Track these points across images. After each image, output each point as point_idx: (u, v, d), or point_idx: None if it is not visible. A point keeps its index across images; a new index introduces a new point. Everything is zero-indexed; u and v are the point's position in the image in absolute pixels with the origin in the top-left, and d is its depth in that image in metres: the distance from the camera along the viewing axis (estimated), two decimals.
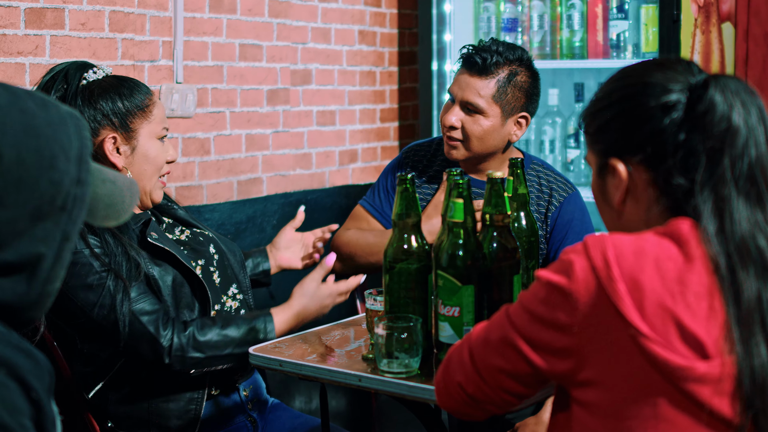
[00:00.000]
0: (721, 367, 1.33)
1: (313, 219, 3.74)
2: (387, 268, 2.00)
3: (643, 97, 1.45)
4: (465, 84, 2.57)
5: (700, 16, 3.28)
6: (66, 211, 1.24)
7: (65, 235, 1.25)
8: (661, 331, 1.34)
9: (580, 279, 1.38)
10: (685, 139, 1.41)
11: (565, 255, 1.41)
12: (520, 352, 1.45)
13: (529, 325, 1.43)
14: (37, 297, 1.24)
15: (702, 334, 1.34)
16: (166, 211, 2.46)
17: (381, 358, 1.92)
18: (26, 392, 1.15)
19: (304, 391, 3.72)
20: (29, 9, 2.69)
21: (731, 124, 1.39)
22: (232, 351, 2.21)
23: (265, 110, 3.53)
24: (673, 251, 1.38)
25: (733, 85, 1.41)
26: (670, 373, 1.33)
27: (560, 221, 2.63)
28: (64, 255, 1.26)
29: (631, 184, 1.47)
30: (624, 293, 1.35)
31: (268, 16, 3.52)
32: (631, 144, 1.46)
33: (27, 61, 2.69)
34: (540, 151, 3.82)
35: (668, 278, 1.35)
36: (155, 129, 2.32)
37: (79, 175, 1.26)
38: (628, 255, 1.37)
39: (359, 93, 3.95)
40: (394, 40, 4.12)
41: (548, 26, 3.73)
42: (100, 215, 1.39)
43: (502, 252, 1.97)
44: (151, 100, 2.32)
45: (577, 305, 1.38)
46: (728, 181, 1.38)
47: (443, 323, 1.91)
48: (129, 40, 2.99)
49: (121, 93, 2.27)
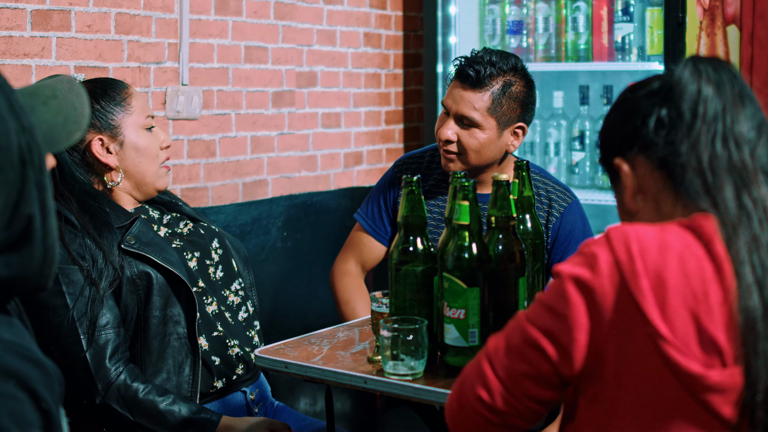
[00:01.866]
0: (732, 377, 1.33)
1: (318, 221, 3.75)
2: (393, 270, 2.00)
3: (633, 93, 1.53)
4: (459, 97, 2.53)
5: (705, 18, 3.28)
6: (27, 163, 1.23)
7: (39, 185, 1.24)
8: (681, 333, 1.34)
9: (604, 273, 1.38)
10: (665, 114, 1.46)
11: (587, 248, 1.42)
12: (542, 350, 1.43)
13: (550, 320, 1.42)
14: (43, 255, 1.24)
15: (721, 340, 1.34)
16: (172, 208, 2.46)
17: (386, 360, 1.92)
18: (36, 403, 1.14)
19: (309, 393, 3.72)
20: (35, 11, 2.69)
21: (700, 89, 1.44)
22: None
23: (271, 112, 3.53)
24: (698, 249, 1.38)
25: (705, 59, 1.48)
26: (685, 379, 1.33)
27: (562, 232, 2.61)
28: (48, 204, 1.25)
29: (636, 180, 1.50)
30: (647, 290, 1.35)
31: (274, 19, 3.52)
32: (625, 138, 1.50)
33: (33, 63, 2.70)
34: (545, 154, 3.82)
35: (692, 277, 1.35)
36: (138, 120, 2.32)
37: (20, 122, 1.23)
38: (651, 248, 1.37)
39: (364, 95, 3.95)
40: (399, 42, 4.12)
41: (553, 29, 3.73)
42: (62, 136, 1.37)
43: (508, 254, 1.97)
44: (127, 92, 2.33)
45: (598, 299, 1.38)
46: (704, 136, 1.43)
47: (449, 325, 1.91)
48: (135, 42, 3.00)
49: (95, 95, 2.28)
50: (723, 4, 3.26)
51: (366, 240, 2.78)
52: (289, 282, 3.66)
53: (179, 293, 2.26)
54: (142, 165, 2.31)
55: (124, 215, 2.28)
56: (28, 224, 1.22)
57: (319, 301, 3.73)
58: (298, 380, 3.49)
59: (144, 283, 2.23)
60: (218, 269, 2.39)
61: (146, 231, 2.28)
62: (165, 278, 2.25)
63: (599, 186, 3.70)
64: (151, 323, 2.23)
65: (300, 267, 3.68)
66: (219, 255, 2.41)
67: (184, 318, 2.26)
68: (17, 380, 1.13)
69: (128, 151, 2.30)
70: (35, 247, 1.23)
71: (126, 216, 2.28)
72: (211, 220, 2.58)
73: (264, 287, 3.48)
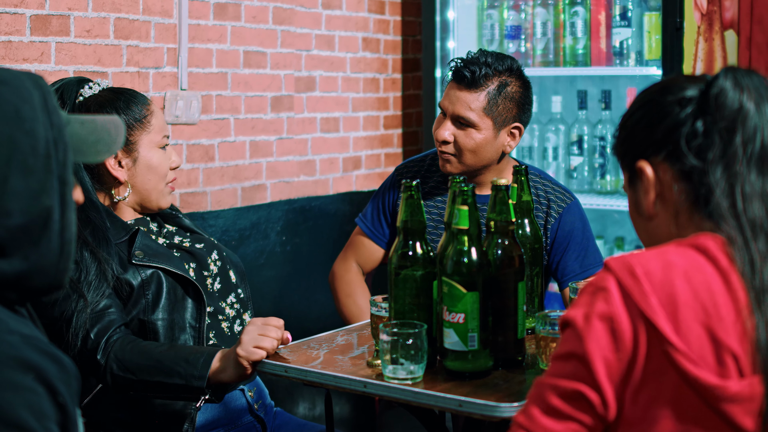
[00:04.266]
0: (751, 387, 1.33)
1: (317, 225, 3.75)
2: (392, 274, 2.00)
3: (662, 96, 1.48)
4: (455, 98, 2.55)
5: (703, 23, 3.28)
6: (51, 156, 1.26)
7: (61, 179, 1.27)
8: (696, 347, 1.33)
9: (617, 302, 1.36)
10: (700, 125, 1.43)
11: (591, 286, 1.39)
12: (583, 397, 1.38)
13: (577, 368, 1.37)
14: (59, 248, 1.27)
15: (737, 350, 1.33)
16: (171, 220, 2.47)
17: (386, 364, 1.92)
18: (53, 397, 1.16)
19: (308, 397, 3.72)
20: (35, 16, 2.70)
21: (742, 105, 1.41)
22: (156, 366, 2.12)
23: (269, 117, 3.54)
24: (703, 263, 1.37)
25: (744, 72, 1.44)
26: (704, 391, 1.32)
27: (561, 232, 2.62)
28: (68, 199, 1.28)
29: (658, 185, 1.48)
30: (657, 306, 1.34)
31: (273, 23, 3.53)
32: (653, 142, 1.48)
33: (33, 67, 2.70)
34: (543, 158, 3.83)
35: (700, 291, 1.35)
36: (155, 138, 2.32)
37: (50, 118, 1.27)
38: (656, 269, 1.36)
39: (363, 100, 3.96)
40: (398, 47, 4.13)
41: (551, 33, 3.74)
42: (90, 151, 1.40)
43: (507, 259, 1.98)
44: (149, 110, 2.32)
45: (620, 328, 1.35)
46: (740, 158, 1.40)
47: (448, 330, 1.91)
48: (134, 46, 3.00)
49: (117, 107, 2.27)
50: (721, 9, 3.27)
51: (365, 242, 2.80)
52: (287, 286, 3.66)
53: (186, 298, 2.28)
54: (151, 182, 2.32)
55: (123, 229, 2.28)
56: (47, 216, 1.25)
57: (318, 305, 3.73)
58: (297, 384, 3.49)
59: (154, 288, 2.24)
60: (216, 281, 2.40)
61: (149, 243, 2.29)
62: (173, 283, 2.27)
63: (597, 191, 3.71)
64: (158, 326, 2.24)
65: (299, 271, 3.68)
66: (217, 267, 2.41)
67: (193, 319, 2.28)
68: (36, 374, 1.15)
69: (140, 168, 2.30)
70: (52, 239, 1.26)
71: (125, 229, 2.28)
72: (207, 230, 2.57)
73: (263, 292, 3.49)
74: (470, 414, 1.80)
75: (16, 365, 1.14)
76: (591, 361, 1.36)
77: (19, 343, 1.16)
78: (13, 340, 1.16)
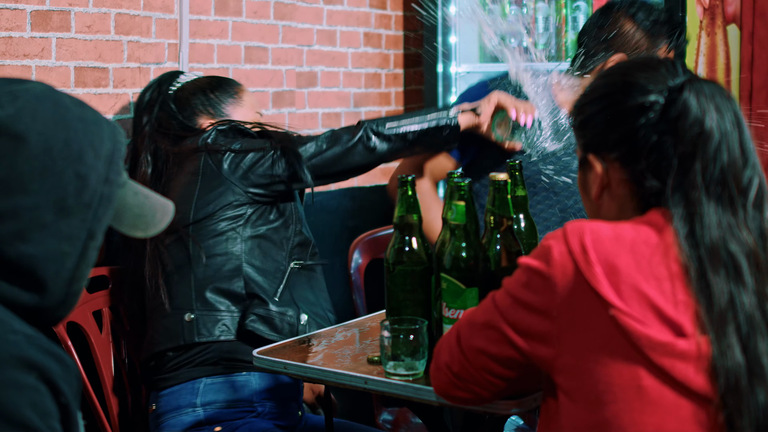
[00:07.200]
0: (698, 346, 1.35)
1: (319, 221, 3.74)
2: (388, 270, 2.00)
3: (623, 96, 1.48)
4: None
5: (705, 17, 3.27)
6: (92, 208, 1.25)
7: (90, 233, 1.25)
8: (639, 312, 1.36)
9: (557, 263, 1.41)
10: (658, 141, 1.43)
11: (545, 241, 1.45)
12: (503, 334, 1.49)
13: (512, 309, 1.48)
14: (63, 297, 1.25)
15: (675, 316, 1.36)
16: None
17: (386, 360, 1.92)
18: (56, 396, 1.16)
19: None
20: (35, 11, 2.70)
21: (704, 128, 1.40)
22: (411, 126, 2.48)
23: (271, 112, 3.53)
24: (651, 235, 1.41)
25: (708, 89, 1.43)
26: (652, 349, 1.35)
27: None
28: (90, 254, 1.26)
29: (606, 181, 1.50)
30: (601, 275, 1.38)
31: (274, 19, 3.52)
32: (607, 141, 1.49)
33: (33, 63, 2.70)
34: None
35: (642, 262, 1.38)
36: (248, 114, 2.58)
37: (107, 174, 1.26)
38: (605, 240, 1.40)
39: (365, 95, 3.95)
40: (400, 42, 4.12)
41: (553, 28, 3.74)
42: (127, 223, 1.39)
43: (506, 254, 1.97)
44: (240, 89, 2.61)
45: (556, 289, 1.42)
46: (699, 186, 1.40)
47: (447, 326, 1.91)
48: (135, 42, 3.00)
49: (211, 86, 2.55)
50: (723, 3, 3.26)
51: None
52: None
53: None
54: None
55: None
56: (60, 261, 1.23)
57: None
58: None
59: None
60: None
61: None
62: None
63: None
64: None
65: None
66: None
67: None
68: (39, 373, 1.15)
69: None
70: (58, 285, 1.24)
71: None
72: None
73: None
74: (470, 409, 1.80)
75: (19, 364, 1.14)
76: (527, 306, 1.47)
77: (23, 343, 1.16)
78: (16, 339, 1.16)
